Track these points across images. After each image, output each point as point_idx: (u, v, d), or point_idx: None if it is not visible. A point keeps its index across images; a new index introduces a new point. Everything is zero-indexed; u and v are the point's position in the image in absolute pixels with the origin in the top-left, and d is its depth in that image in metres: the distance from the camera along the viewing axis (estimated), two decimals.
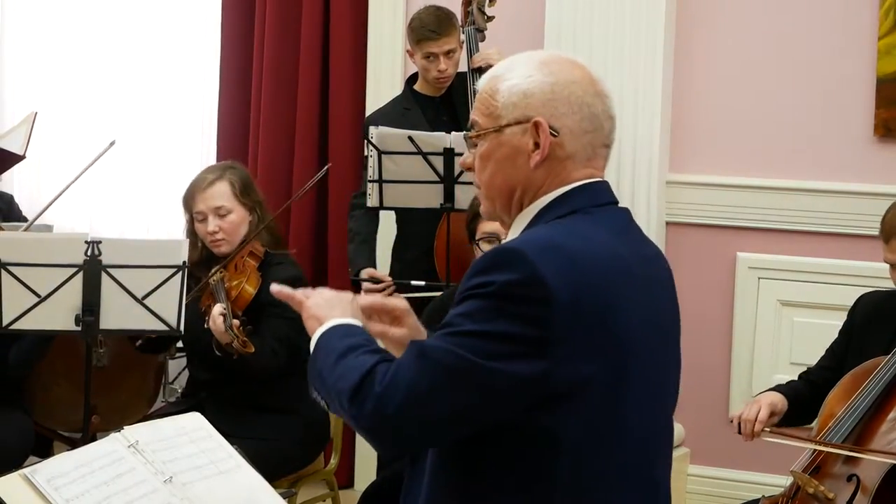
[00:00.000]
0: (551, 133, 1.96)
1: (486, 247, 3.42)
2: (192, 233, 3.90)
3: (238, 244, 3.85)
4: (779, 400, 3.33)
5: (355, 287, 4.35)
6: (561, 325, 1.83)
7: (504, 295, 1.83)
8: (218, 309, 3.56)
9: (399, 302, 2.15)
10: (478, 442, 1.90)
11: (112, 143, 3.88)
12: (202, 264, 3.86)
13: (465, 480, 1.94)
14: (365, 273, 4.30)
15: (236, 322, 3.55)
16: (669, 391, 2.08)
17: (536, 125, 1.96)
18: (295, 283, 3.66)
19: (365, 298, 2.13)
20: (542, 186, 1.99)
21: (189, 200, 3.90)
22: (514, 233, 2.03)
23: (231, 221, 3.82)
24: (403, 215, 4.50)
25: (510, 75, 2.01)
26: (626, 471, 1.94)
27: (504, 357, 1.82)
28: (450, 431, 1.89)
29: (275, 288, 2.14)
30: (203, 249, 3.89)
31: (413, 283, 4.19)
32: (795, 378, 3.53)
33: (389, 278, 4.28)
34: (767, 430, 3.26)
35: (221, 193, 3.85)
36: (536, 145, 1.97)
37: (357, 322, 2.01)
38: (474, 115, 2.05)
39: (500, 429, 1.88)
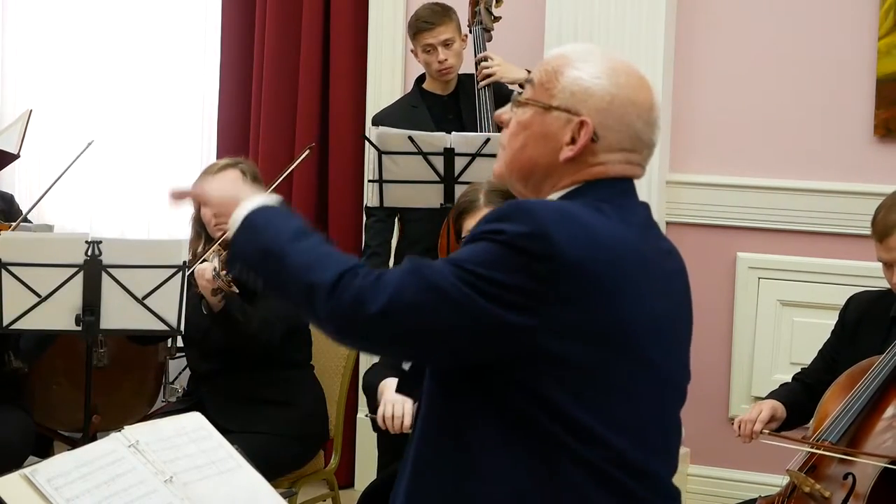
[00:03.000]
0: (591, 138, 1.95)
1: None
2: (197, 220, 3.89)
3: None
4: (779, 406, 3.36)
5: None
6: (561, 284, 1.83)
7: (512, 245, 1.83)
8: (207, 264, 3.53)
9: None
10: (466, 402, 1.89)
11: (90, 143, 3.91)
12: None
13: (453, 446, 1.91)
14: None
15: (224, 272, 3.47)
16: (676, 384, 2.04)
17: (582, 124, 1.95)
18: None
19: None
20: (564, 180, 1.98)
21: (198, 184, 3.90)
22: None
23: None
24: (406, 215, 4.50)
25: (580, 66, 1.98)
26: (616, 453, 1.89)
27: (497, 302, 1.82)
28: (418, 349, 1.89)
29: (170, 189, 2.07)
30: (203, 239, 3.87)
31: None
32: (790, 380, 3.54)
33: None
34: (766, 431, 3.28)
35: (232, 179, 3.84)
36: (573, 141, 1.96)
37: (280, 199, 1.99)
38: (533, 75, 2.02)
39: (487, 386, 1.87)
